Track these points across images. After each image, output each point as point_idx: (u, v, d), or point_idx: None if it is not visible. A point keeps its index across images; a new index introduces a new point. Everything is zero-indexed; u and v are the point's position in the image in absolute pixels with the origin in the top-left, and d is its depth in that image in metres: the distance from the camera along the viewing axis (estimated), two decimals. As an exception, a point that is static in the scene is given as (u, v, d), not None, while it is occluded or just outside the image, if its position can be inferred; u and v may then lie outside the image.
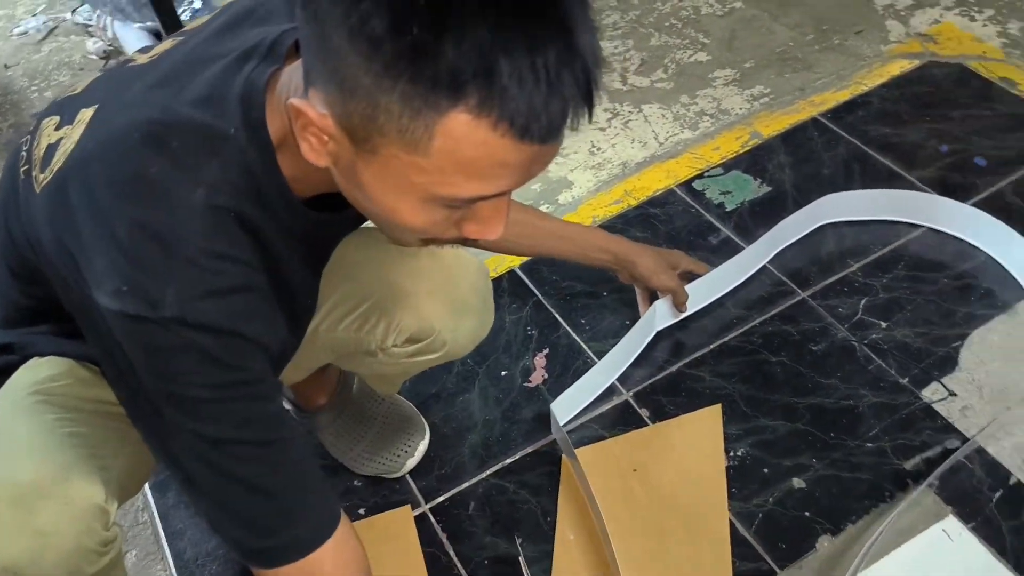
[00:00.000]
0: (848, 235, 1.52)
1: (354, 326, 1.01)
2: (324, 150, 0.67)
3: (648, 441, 1.28)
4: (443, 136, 0.60)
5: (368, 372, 1.15)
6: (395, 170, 0.64)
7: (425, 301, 1.00)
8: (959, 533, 1.14)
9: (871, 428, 1.26)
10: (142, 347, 0.70)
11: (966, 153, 1.63)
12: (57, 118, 0.81)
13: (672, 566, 1.15)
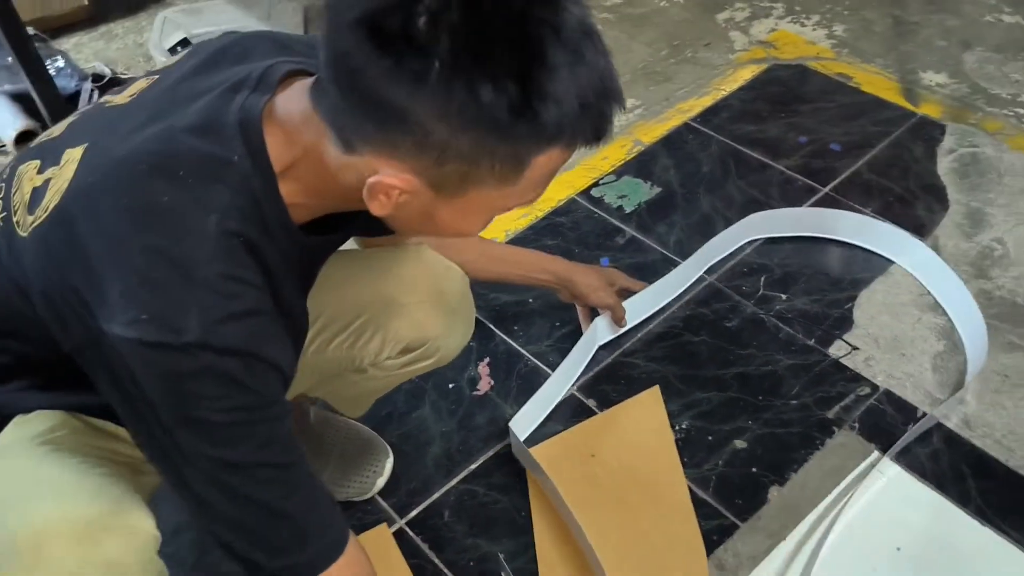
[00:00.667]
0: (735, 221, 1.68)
1: (347, 343, 1.04)
2: (392, 203, 0.72)
3: (600, 428, 1.37)
4: (533, 168, 0.71)
5: (343, 395, 1.18)
6: (478, 203, 0.73)
7: (419, 310, 1.04)
8: (885, 466, 1.29)
9: (792, 387, 1.40)
10: (161, 375, 0.70)
11: (822, 141, 1.84)
12: (38, 162, 0.80)
13: (645, 536, 1.23)
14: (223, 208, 0.73)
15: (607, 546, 1.20)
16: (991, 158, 1.77)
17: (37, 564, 0.72)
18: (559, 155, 0.72)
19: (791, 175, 1.77)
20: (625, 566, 1.19)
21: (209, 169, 0.74)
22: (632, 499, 1.27)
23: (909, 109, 1.90)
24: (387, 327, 1.04)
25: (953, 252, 1.59)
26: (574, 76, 0.66)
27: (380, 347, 1.05)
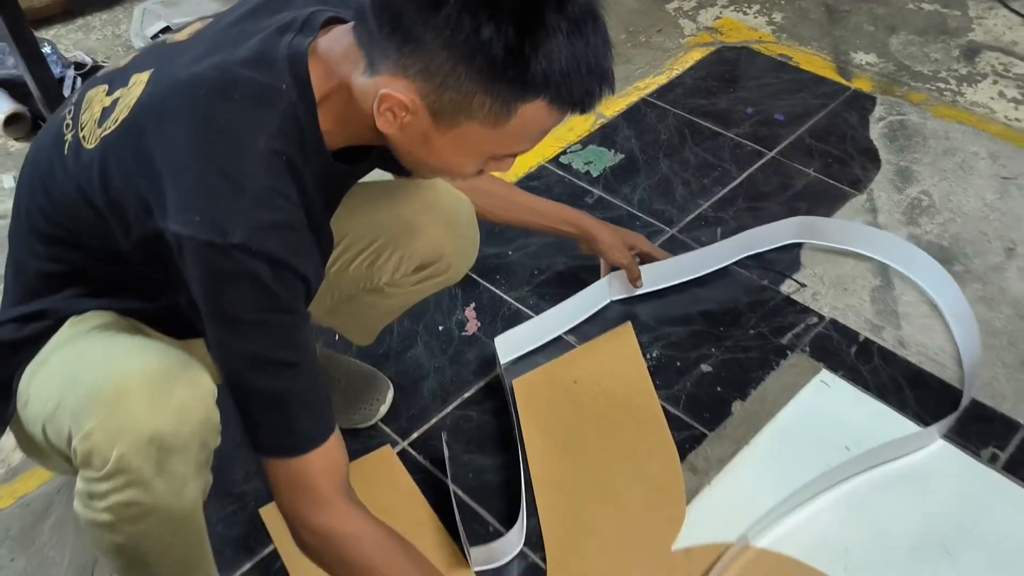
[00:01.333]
0: (693, 182, 1.84)
1: (366, 263, 1.17)
2: (398, 123, 0.84)
3: (579, 359, 1.51)
4: (520, 117, 0.81)
5: (356, 320, 1.30)
6: (469, 139, 0.84)
7: (434, 230, 1.17)
8: (833, 380, 1.46)
9: (750, 320, 1.56)
10: (205, 272, 0.81)
11: (767, 112, 2.02)
12: (106, 86, 0.92)
13: (625, 447, 1.37)
14: (271, 130, 0.84)
15: (592, 457, 1.34)
16: (916, 124, 1.97)
17: (118, 410, 0.82)
18: (545, 111, 0.82)
19: (741, 141, 1.94)
20: (609, 472, 1.33)
21: (260, 95, 0.85)
22: (613, 416, 1.41)
23: (843, 84, 2.10)
24: (404, 246, 1.16)
25: (886, 203, 1.77)
26: (569, 45, 0.78)
27: (397, 265, 1.17)
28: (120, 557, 0.92)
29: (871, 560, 1.22)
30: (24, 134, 2.11)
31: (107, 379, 0.84)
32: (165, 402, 0.83)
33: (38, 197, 0.95)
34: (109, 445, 0.81)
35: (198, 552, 0.97)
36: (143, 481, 0.83)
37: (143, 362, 0.86)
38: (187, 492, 0.87)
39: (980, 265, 1.64)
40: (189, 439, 0.85)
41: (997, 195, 1.79)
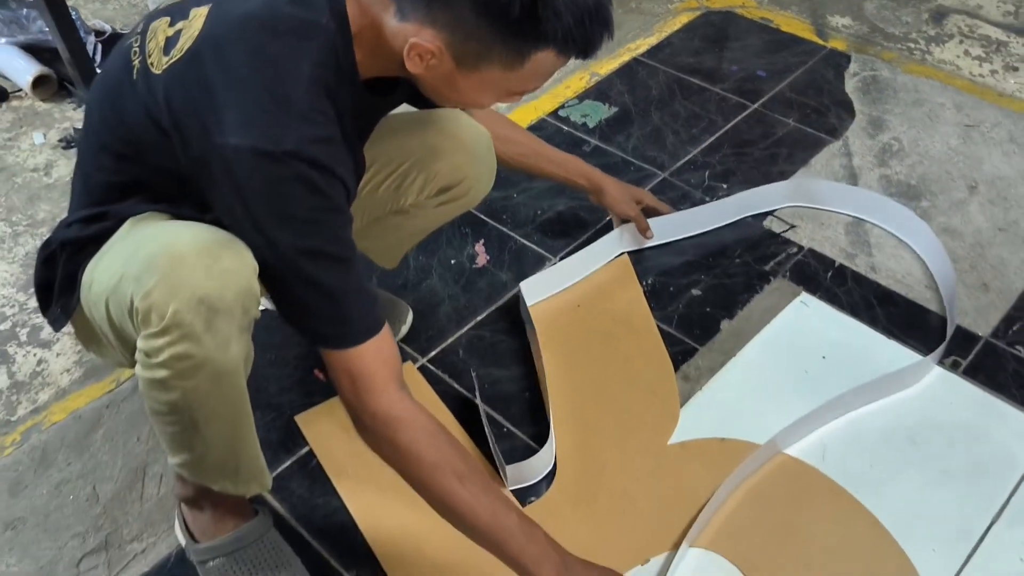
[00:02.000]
0: (682, 131, 1.99)
1: (394, 185, 1.30)
2: (424, 65, 0.97)
3: (582, 287, 1.65)
4: (532, 63, 0.95)
5: (382, 242, 1.43)
6: (487, 81, 0.98)
7: (456, 155, 1.30)
8: (811, 301, 1.61)
9: (736, 250, 1.71)
10: (262, 178, 0.93)
11: (750, 69, 2.17)
12: (168, 18, 1.03)
13: (624, 358, 1.51)
14: (312, 59, 0.96)
15: (595, 368, 1.49)
16: (888, 79, 2.13)
17: (173, 272, 0.93)
18: (554, 57, 0.95)
19: (726, 95, 2.09)
20: (611, 380, 1.47)
21: (303, 29, 0.97)
22: (614, 332, 1.56)
23: (820, 44, 2.25)
24: (429, 169, 1.30)
25: (860, 148, 1.93)
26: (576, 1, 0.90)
27: (422, 186, 1.31)
28: (173, 417, 1.02)
29: (845, 444, 1.38)
30: (50, 95, 2.23)
31: (164, 248, 0.96)
32: (214, 267, 0.94)
33: (108, 117, 1.07)
34: (165, 302, 0.92)
35: (243, 421, 1.07)
36: (194, 335, 0.93)
37: (195, 235, 0.97)
38: (231, 349, 0.97)
39: (944, 201, 1.80)
40: (233, 302, 0.95)
41: (961, 140, 1.95)
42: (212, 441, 1.06)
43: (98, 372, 1.55)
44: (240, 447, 1.09)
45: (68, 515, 1.34)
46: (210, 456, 1.07)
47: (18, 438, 1.45)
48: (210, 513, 1.21)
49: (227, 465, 1.09)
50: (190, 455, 1.07)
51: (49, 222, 1.87)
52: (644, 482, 1.33)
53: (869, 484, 1.32)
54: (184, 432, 1.04)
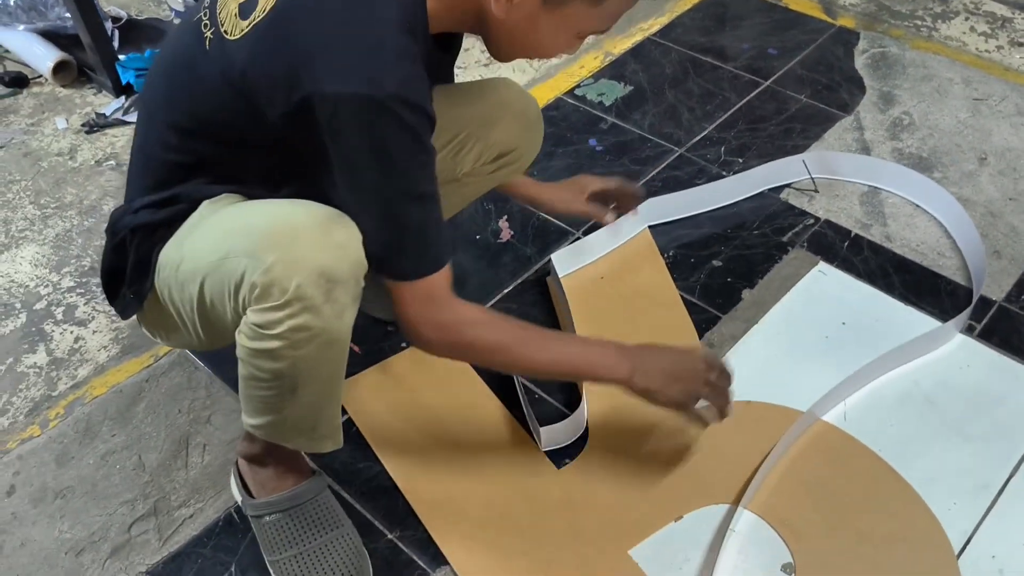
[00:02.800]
0: (697, 108, 2.03)
1: (451, 154, 1.34)
2: (509, 6, 1.00)
3: (604, 260, 1.69)
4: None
5: None
6: (571, 17, 1.02)
7: (512, 123, 1.36)
8: (829, 270, 1.65)
9: (754, 222, 1.75)
10: (362, 121, 0.96)
11: (761, 47, 2.21)
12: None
13: (650, 327, 1.56)
14: (397, 10, 0.99)
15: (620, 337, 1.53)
16: (897, 55, 2.17)
17: (294, 247, 0.97)
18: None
19: (738, 73, 2.13)
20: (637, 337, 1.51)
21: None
22: (637, 304, 1.60)
23: (829, 22, 2.29)
24: (486, 138, 1.34)
25: (871, 123, 1.97)
26: None
27: (479, 155, 1.35)
28: (274, 383, 1.05)
29: (865, 407, 1.42)
30: (70, 81, 2.26)
31: (279, 223, 1.00)
32: (329, 241, 0.99)
33: (176, 93, 1.09)
34: (288, 277, 0.96)
35: (338, 383, 1.11)
36: (315, 307, 0.98)
37: (306, 210, 1.01)
38: (346, 317, 1.02)
39: (955, 172, 1.85)
40: (349, 273, 1.00)
41: (970, 113, 1.99)
42: (304, 404, 1.10)
43: (135, 348, 1.59)
44: (327, 409, 1.14)
45: (116, 483, 1.38)
46: (293, 418, 1.11)
47: (62, 411, 1.49)
48: (271, 470, 1.25)
49: (306, 424, 1.14)
50: (275, 417, 1.11)
51: (76, 205, 1.90)
52: (673, 443, 1.38)
53: (889, 444, 1.37)
54: (278, 397, 1.08)
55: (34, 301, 1.69)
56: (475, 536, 1.28)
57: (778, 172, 1.82)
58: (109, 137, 2.08)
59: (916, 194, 1.79)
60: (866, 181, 1.83)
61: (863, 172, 1.83)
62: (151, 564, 1.28)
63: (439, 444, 1.40)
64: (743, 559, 1.24)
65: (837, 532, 1.26)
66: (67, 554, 1.30)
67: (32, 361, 1.58)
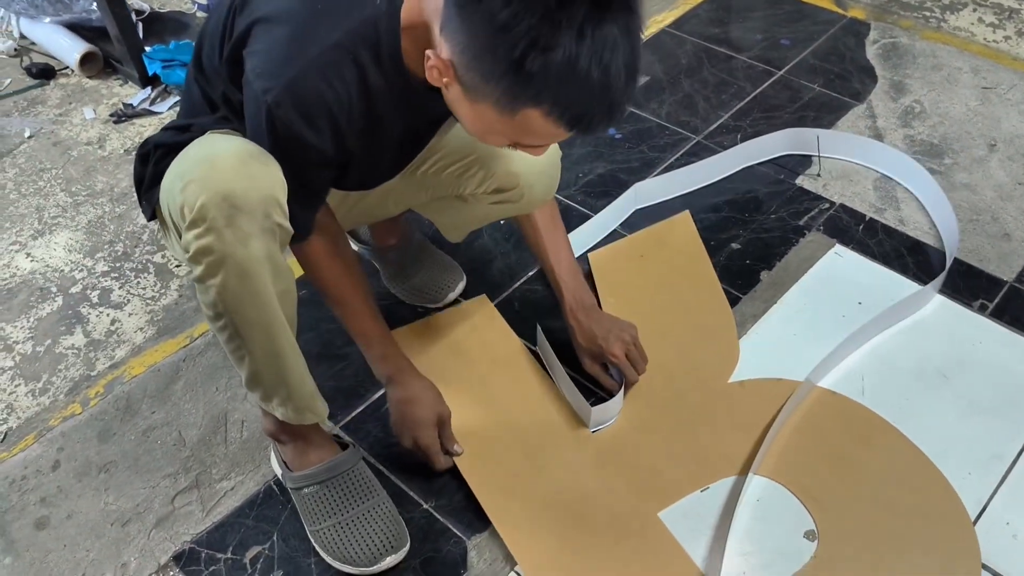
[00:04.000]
0: (712, 97, 2.07)
1: (456, 172, 1.37)
2: (440, 80, 0.99)
3: (646, 238, 1.73)
4: (522, 116, 0.93)
5: (447, 220, 1.51)
6: (487, 118, 0.96)
7: (516, 162, 1.34)
8: (845, 252, 1.70)
9: (771, 206, 1.80)
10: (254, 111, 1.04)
11: (774, 38, 2.25)
12: None
13: (687, 304, 1.60)
14: (348, 30, 1.02)
15: (658, 313, 1.58)
16: (907, 45, 2.22)
17: (206, 172, 1.03)
18: (543, 120, 0.92)
19: (752, 63, 2.18)
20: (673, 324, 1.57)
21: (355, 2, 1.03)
22: (675, 282, 1.64)
23: (840, 13, 2.34)
24: (489, 167, 1.35)
25: (883, 111, 2.02)
26: (578, 70, 0.86)
27: (480, 181, 1.37)
28: (219, 323, 1.12)
29: (884, 384, 1.47)
30: (96, 72, 2.30)
31: (207, 152, 1.06)
32: (242, 171, 1.03)
33: (206, 34, 1.17)
34: (196, 197, 1.02)
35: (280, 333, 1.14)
36: (216, 229, 1.02)
37: (235, 145, 1.06)
38: (251, 245, 1.04)
39: (966, 159, 1.89)
40: (255, 203, 1.03)
41: (979, 102, 2.04)
42: (256, 353, 1.15)
43: (171, 329, 1.64)
44: (285, 367, 1.18)
45: (158, 458, 1.43)
46: (262, 373, 1.17)
47: (101, 390, 1.54)
48: (300, 445, 1.31)
49: (279, 389, 1.20)
50: (248, 370, 1.18)
51: (107, 192, 1.95)
52: (704, 415, 1.42)
53: (905, 416, 1.42)
54: (232, 340, 1.14)
55: (69, 285, 1.74)
56: (510, 487, 1.34)
57: (761, 148, 1.88)
58: (137, 127, 2.13)
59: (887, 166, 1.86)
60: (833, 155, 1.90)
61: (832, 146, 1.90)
62: (196, 533, 1.33)
63: (478, 399, 1.45)
64: (766, 525, 1.29)
65: (859, 503, 1.31)
66: (113, 525, 1.35)
67: (70, 343, 1.63)
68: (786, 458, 1.36)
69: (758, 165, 1.89)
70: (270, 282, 1.09)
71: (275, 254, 1.08)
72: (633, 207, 1.81)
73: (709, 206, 1.81)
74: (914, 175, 1.82)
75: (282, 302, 1.13)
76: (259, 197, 1.04)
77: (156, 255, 1.79)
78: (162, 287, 1.72)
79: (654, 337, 1.52)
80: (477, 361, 1.52)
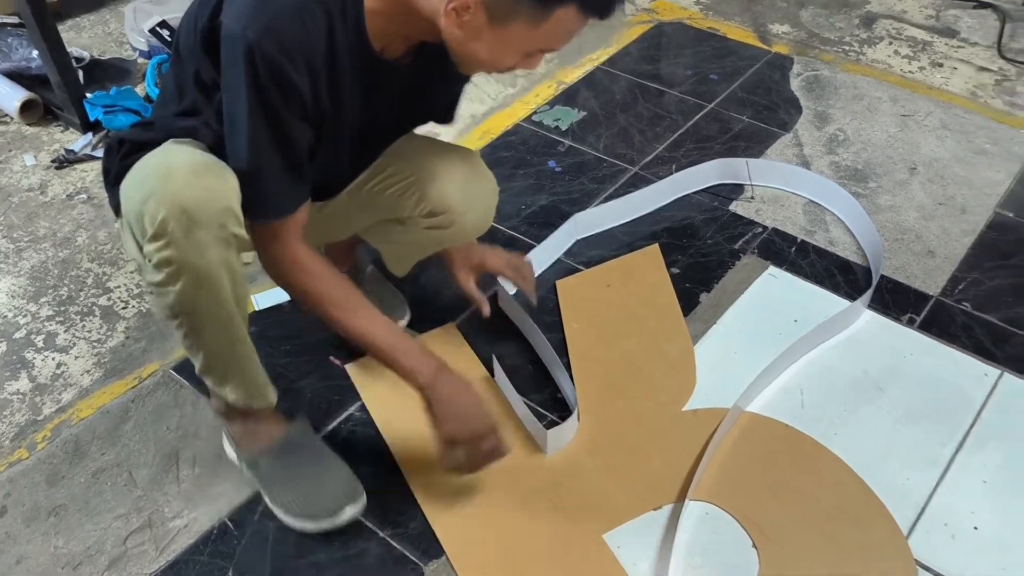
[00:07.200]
0: (647, 131, 2.15)
1: (397, 192, 1.40)
2: (459, 21, 1.05)
3: (613, 268, 1.78)
4: (555, 19, 1.03)
5: (391, 249, 1.54)
6: (514, 36, 1.05)
7: (449, 186, 1.37)
8: (779, 273, 1.77)
9: (707, 232, 1.87)
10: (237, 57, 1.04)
11: (703, 73, 2.35)
12: None
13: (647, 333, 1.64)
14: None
15: (620, 340, 1.62)
16: (828, 77, 2.33)
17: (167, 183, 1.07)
18: (574, 15, 1.03)
19: (684, 97, 2.27)
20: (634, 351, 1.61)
21: None
22: (638, 311, 1.69)
23: (765, 49, 2.45)
24: (423, 190, 1.38)
25: (809, 139, 2.11)
26: None
27: (415, 203, 1.39)
28: (175, 321, 1.18)
29: (822, 396, 1.53)
30: (36, 119, 2.29)
31: (164, 164, 1.10)
32: (198, 183, 1.07)
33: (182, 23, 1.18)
34: (156, 211, 1.07)
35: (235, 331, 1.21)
36: (176, 242, 1.08)
37: (191, 157, 1.10)
38: (207, 255, 1.10)
39: (889, 182, 1.99)
40: (212, 216, 1.08)
41: (898, 128, 2.15)
42: (211, 348, 1.22)
43: (119, 371, 1.63)
44: (238, 361, 1.26)
45: (108, 499, 1.42)
46: (216, 366, 1.25)
47: (48, 434, 1.52)
48: (250, 424, 1.36)
49: (232, 379, 1.27)
50: (201, 362, 1.25)
51: (50, 237, 1.94)
52: (658, 441, 1.46)
53: (844, 426, 1.48)
54: (188, 338, 1.21)
55: (13, 331, 1.72)
56: (465, 513, 1.36)
57: (695, 177, 1.96)
58: (79, 172, 2.12)
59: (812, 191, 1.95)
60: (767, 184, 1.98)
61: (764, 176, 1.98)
62: (149, 573, 1.32)
63: None
64: (711, 541, 1.32)
65: (794, 522, 1.34)
66: (64, 568, 1.33)
67: (15, 388, 1.61)
68: (723, 482, 1.40)
69: (693, 194, 1.96)
70: (228, 286, 1.15)
71: (232, 261, 1.14)
72: (573, 238, 1.86)
73: (648, 234, 1.87)
74: (839, 200, 1.90)
75: (238, 303, 1.18)
76: (215, 210, 1.09)
77: (101, 298, 1.79)
78: (108, 329, 1.72)
79: (615, 362, 1.57)
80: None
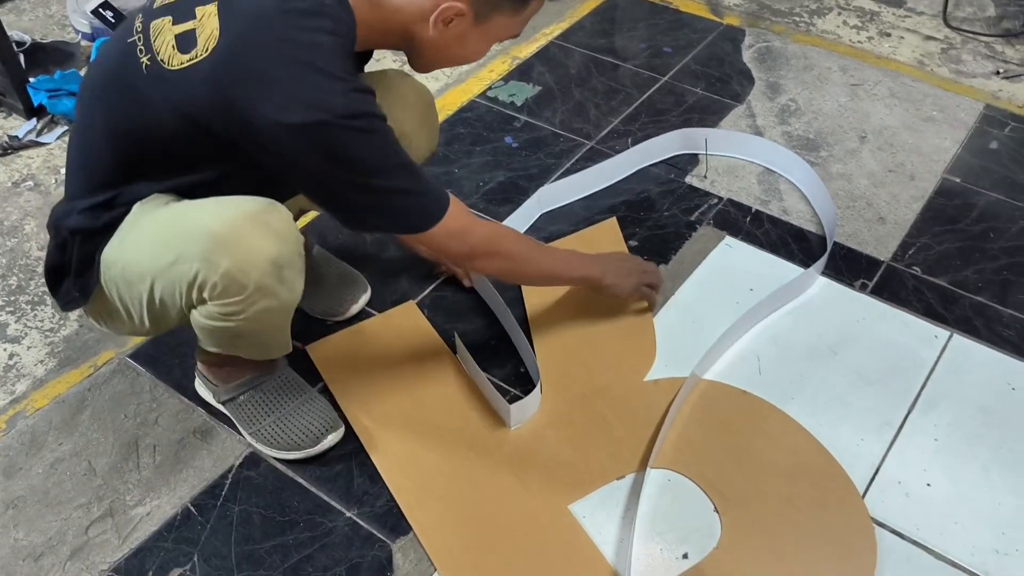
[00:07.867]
0: (603, 104, 2.16)
1: None
2: (447, 27, 1.13)
3: (573, 242, 1.77)
4: (530, 8, 1.17)
5: None
6: (495, 29, 1.17)
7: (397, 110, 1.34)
8: (735, 243, 1.79)
9: (663, 204, 1.88)
10: (316, 145, 1.05)
11: (657, 47, 2.36)
12: (169, 18, 1.10)
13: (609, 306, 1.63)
14: (331, 30, 1.08)
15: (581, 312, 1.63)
16: (780, 48, 2.35)
17: (241, 243, 1.06)
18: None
19: (638, 70, 2.27)
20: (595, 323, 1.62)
21: (314, 10, 1.08)
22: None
23: (717, 21, 2.47)
24: None
25: (762, 110, 2.14)
26: None
27: None
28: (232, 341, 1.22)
29: (778, 362, 1.56)
30: (-22, 107, 2.23)
31: (223, 225, 1.07)
32: (270, 231, 1.09)
33: (115, 109, 1.14)
34: (245, 274, 1.08)
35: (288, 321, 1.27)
36: (273, 292, 1.12)
37: (239, 208, 1.09)
38: (297, 288, 1.17)
39: (840, 151, 2.02)
40: (292, 253, 1.12)
41: (848, 98, 2.18)
42: (260, 342, 1.27)
43: (74, 360, 1.60)
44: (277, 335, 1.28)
45: (68, 490, 1.40)
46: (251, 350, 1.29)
47: (3, 425, 1.50)
48: (230, 368, 1.38)
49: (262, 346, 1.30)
50: (233, 351, 1.27)
51: (-3, 227, 1.89)
52: (620, 411, 1.47)
53: (800, 390, 1.51)
54: (235, 340, 1.23)
55: (-38, 322, 1.68)
56: (431, 489, 1.36)
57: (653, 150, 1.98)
58: (24, 159, 2.07)
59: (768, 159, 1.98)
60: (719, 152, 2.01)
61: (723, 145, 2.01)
62: (113, 561, 1.30)
63: (402, 403, 1.48)
64: (674, 507, 1.35)
65: (754, 485, 1.37)
66: (25, 560, 1.31)
67: (-34, 381, 1.58)
68: (684, 449, 1.42)
69: (651, 167, 1.97)
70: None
71: None
72: (538, 212, 1.86)
73: (607, 207, 1.88)
74: (794, 167, 1.93)
75: None
76: (292, 246, 1.12)
77: (53, 286, 1.75)
78: (60, 318, 1.69)
79: (576, 336, 1.58)
80: (402, 368, 1.54)
